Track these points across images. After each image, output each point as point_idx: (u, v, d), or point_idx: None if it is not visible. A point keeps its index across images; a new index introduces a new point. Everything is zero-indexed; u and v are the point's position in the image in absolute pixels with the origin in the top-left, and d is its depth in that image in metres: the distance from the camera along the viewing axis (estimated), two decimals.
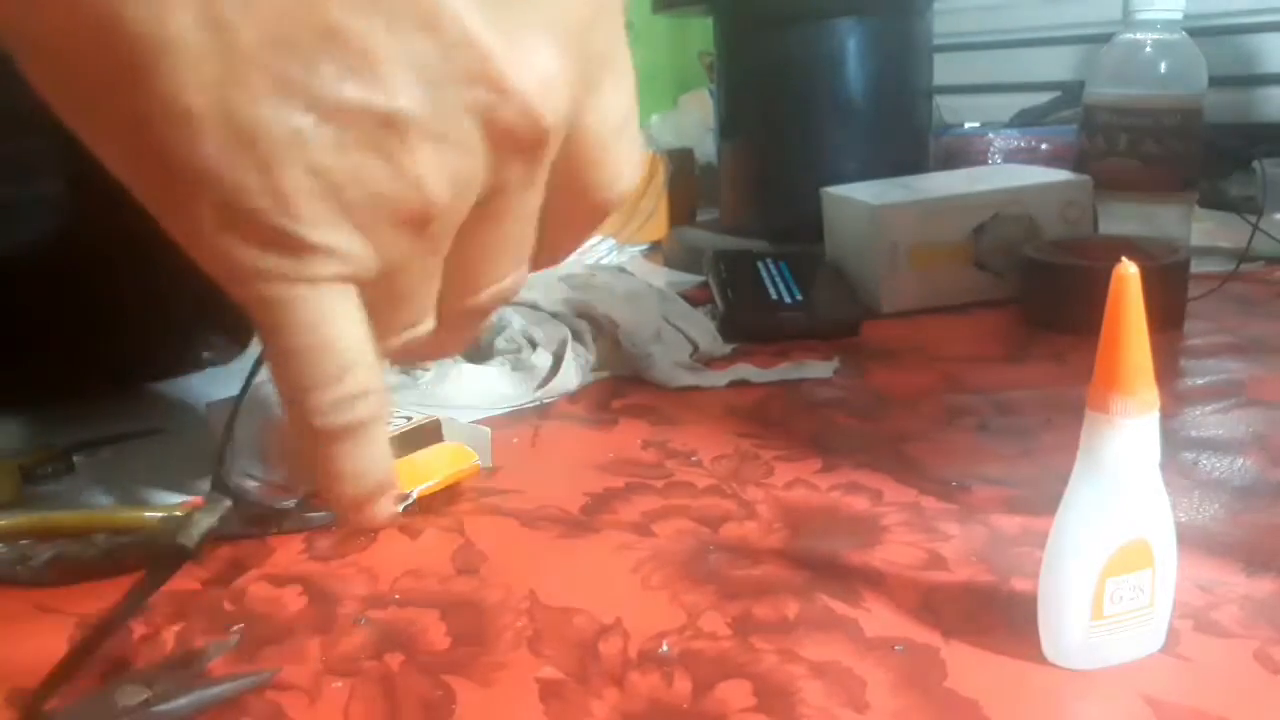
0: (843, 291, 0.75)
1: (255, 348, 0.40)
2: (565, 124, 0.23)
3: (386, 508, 0.27)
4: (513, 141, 0.22)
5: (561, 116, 0.23)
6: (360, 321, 0.23)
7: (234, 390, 0.50)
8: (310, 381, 0.23)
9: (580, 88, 0.23)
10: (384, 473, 0.26)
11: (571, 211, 0.26)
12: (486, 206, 0.24)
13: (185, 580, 0.38)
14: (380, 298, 0.23)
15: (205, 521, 0.36)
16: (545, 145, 0.23)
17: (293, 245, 0.21)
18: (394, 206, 0.22)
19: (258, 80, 0.20)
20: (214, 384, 0.59)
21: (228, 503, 0.38)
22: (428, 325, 0.25)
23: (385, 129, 0.21)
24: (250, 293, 0.22)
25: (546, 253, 0.27)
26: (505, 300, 0.27)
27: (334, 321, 0.22)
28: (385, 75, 0.20)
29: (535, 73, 0.22)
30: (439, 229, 0.23)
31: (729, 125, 0.97)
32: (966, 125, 1.16)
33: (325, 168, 0.21)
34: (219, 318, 0.60)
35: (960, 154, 1.03)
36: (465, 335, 0.28)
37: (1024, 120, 1.17)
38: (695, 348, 0.64)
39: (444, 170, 0.22)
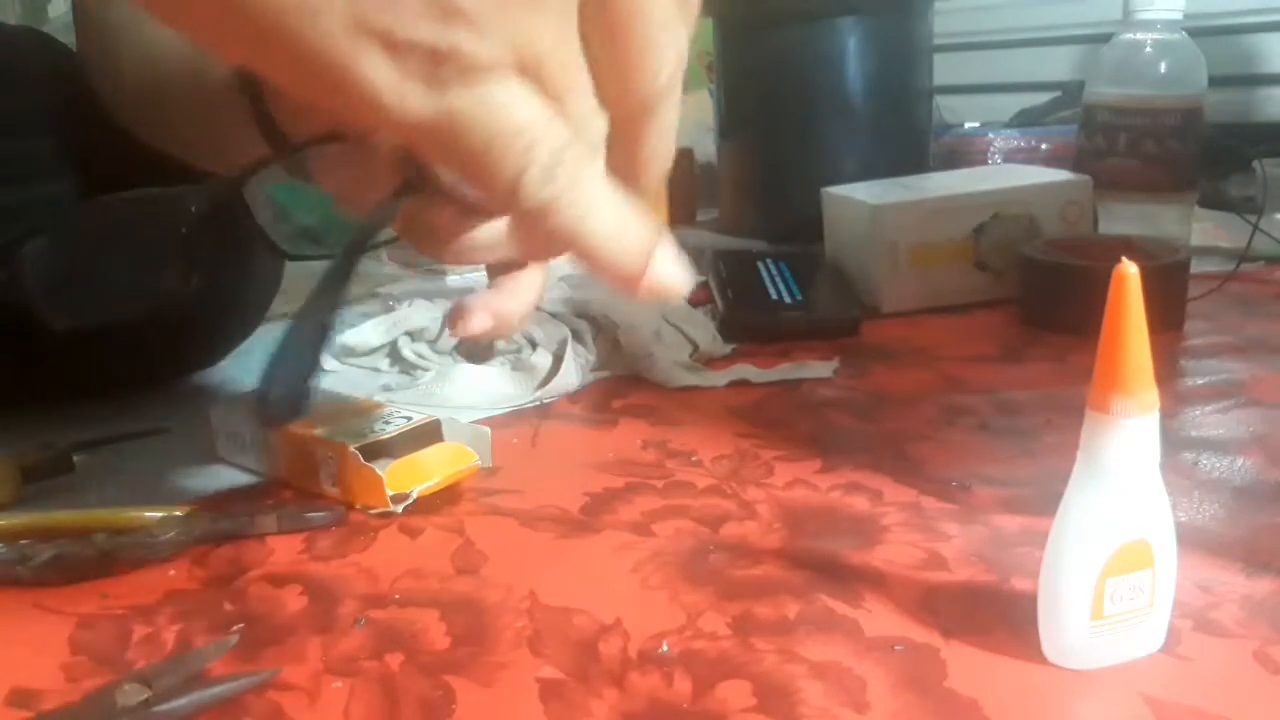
0: (843, 291, 0.75)
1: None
2: None
3: (668, 264, 0.27)
4: None
5: None
6: (526, 97, 0.23)
7: (234, 390, 0.50)
8: (508, 171, 0.23)
9: None
10: (628, 219, 0.25)
11: None
12: None
13: (185, 580, 0.39)
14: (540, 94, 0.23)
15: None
16: None
17: (426, 54, 0.21)
18: None
19: None
20: (214, 384, 0.59)
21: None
22: (600, 124, 0.25)
23: None
24: (408, 119, 0.22)
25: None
26: (676, 73, 0.25)
27: (497, 108, 0.23)
28: None
29: None
30: (553, 5, 0.23)
31: (728, 125, 0.97)
32: (966, 125, 1.16)
33: None
34: (219, 318, 0.60)
35: (960, 154, 1.03)
36: (649, 128, 0.27)
37: (1024, 120, 1.17)
38: (695, 348, 0.64)
39: None
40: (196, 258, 0.41)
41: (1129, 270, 0.28)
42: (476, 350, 0.63)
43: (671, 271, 0.27)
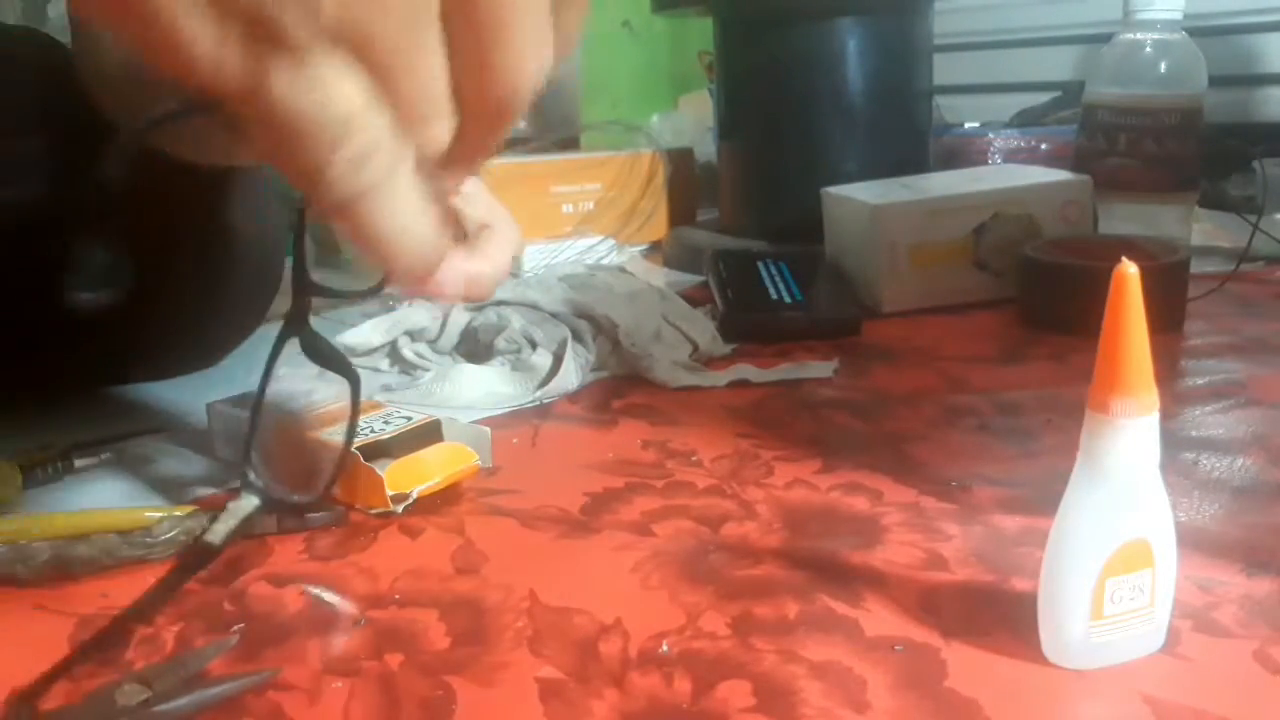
0: (843, 291, 0.75)
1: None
2: None
3: (450, 273, 0.27)
4: None
5: None
6: (349, 82, 0.22)
7: (233, 390, 0.50)
8: (314, 155, 0.22)
9: None
10: (425, 229, 0.25)
11: None
12: None
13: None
14: (371, 82, 0.23)
15: (232, 521, 0.36)
16: None
17: (247, 22, 0.21)
18: None
19: None
20: (214, 384, 0.59)
21: (256, 502, 0.37)
22: (444, 123, 0.24)
23: None
24: (223, 86, 0.22)
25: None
26: (535, 85, 0.25)
27: (311, 92, 0.22)
28: None
29: None
30: None
31: (728, 125, 0.97)
32: (966, 125, 1.16)
33: None
34: (219, 317, 0.60)
35: (960, 154, 1.03)
36: (496, 131, 0.26)
37: (1024, 120, 1.17)
38: (695, 348, 0.64)
39: None
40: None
41: (1129, 270, 0.28)
42: (476, 350, 0.63)
43: (449, 277, 0.27)
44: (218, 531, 0.36)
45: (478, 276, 0.34)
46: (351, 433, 0.37)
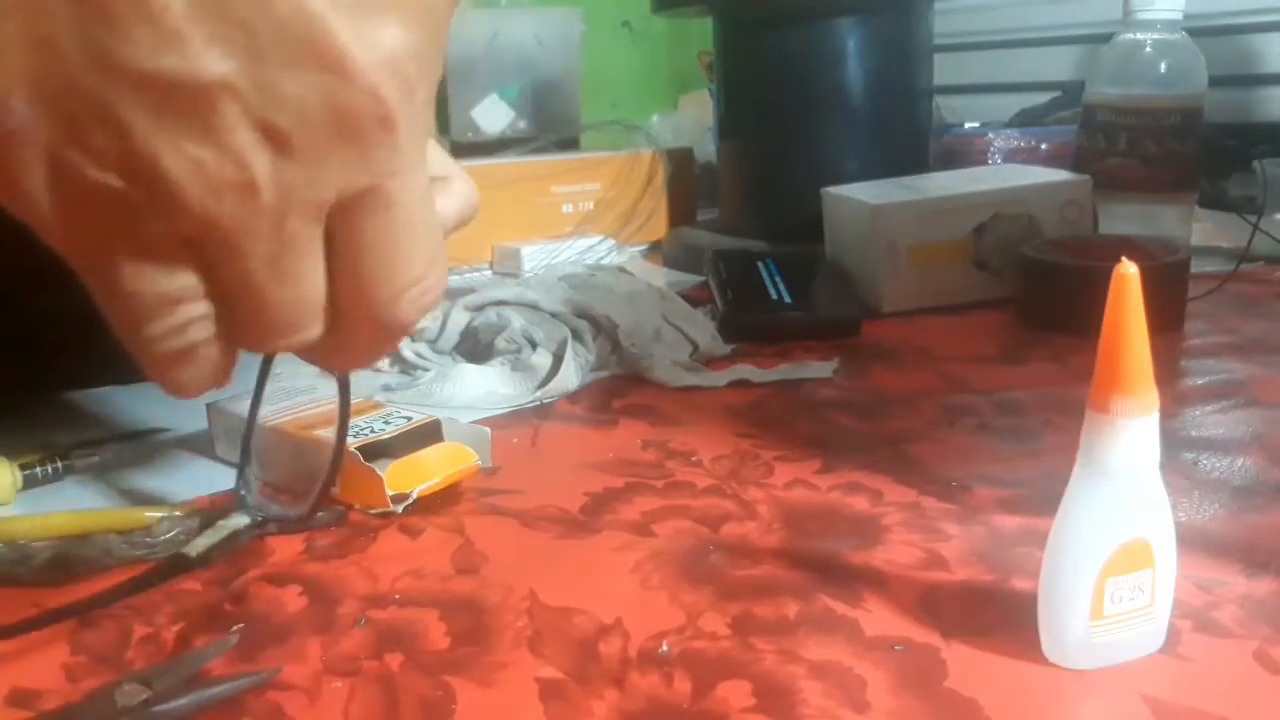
0: (843, 291, 0.75)
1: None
2: (411, 103, 0.23)
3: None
4: (359, 126, 0.22)
5: (405, 96, 0.23)
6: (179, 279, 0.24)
7: (233, 389, 0.50)
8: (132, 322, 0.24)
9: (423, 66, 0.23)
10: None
11: None
12: (368, 197, 0.23)
13: (185, 580, 0.38)
14: (234, 283, 0.23)
15: (215, 536, 0.37)
16: (396, 128, 0.23)
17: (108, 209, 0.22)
18: (212, 173, 0.21)
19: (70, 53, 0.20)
20: None
21: (245, 520, 0.38)
22: (312, 330, 0.25)
23: (199, 100, 0.21)
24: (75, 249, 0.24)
25: None
26: (428, 305, 0.26)
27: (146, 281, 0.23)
28: (197, 48, 0.20)
29: (380, 52, 0.22)
30: (270, 204, 0.22)
31: (728, 125, 0.97)
32: (966, 125, 1.16)
33: (144, 135, 0.21)
34: None
35: (960, 154, 1.03)
36: (381, 345, 0.27)
37: (1024, 120, 1.17)
38: (695, 348, 0.64)
39: (266, 145, 0.22)
40: None
41: (1129, 270, 0.28)
42: (476, 350, 0.63)
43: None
44: (198, 545, 0.37)
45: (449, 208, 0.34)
46: (342, 436, 0.37)
